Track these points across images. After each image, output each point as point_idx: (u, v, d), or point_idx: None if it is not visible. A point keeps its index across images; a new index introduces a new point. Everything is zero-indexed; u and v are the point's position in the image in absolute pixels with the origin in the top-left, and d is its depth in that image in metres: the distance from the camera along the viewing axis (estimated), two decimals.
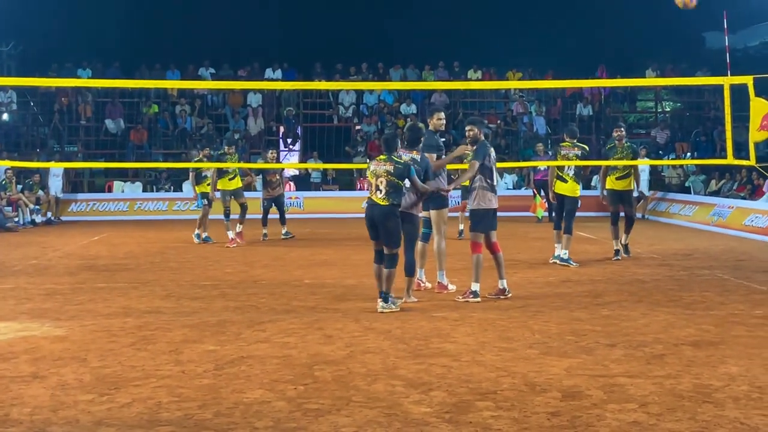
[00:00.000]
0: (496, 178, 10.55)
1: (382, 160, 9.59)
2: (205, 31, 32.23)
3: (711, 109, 30.22)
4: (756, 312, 9.49)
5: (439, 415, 5.79)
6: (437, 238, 10.88)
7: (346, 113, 29.81)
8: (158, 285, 11.62)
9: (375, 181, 9.55)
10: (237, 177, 17.23)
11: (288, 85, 27.40)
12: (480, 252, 10.34)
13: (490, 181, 10.36)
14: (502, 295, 10.43)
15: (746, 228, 18.49)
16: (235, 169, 17.14)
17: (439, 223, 10.83)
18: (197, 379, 6.73)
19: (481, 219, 10.38)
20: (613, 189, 14.43)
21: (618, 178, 14.38)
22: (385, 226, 9.50)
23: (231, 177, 17.04)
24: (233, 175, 17.10)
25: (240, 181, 17.31)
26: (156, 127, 28.54)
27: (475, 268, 10.27)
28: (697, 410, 5.86)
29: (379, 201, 9.51)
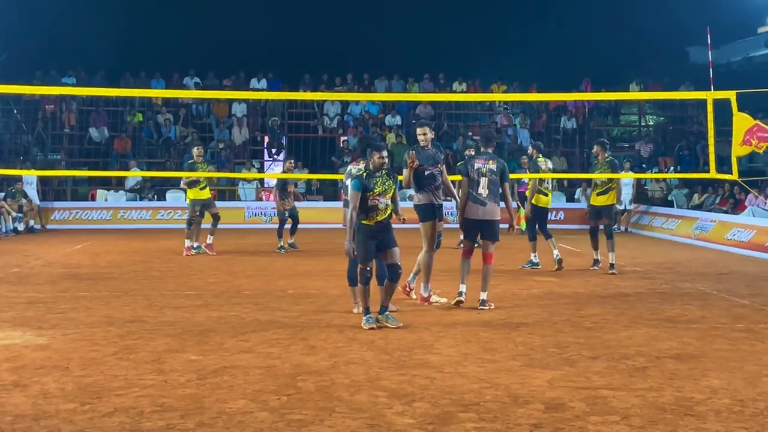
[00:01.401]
0: (484, 188, 10.65)
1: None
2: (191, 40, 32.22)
3: (694, 124, 30.41)
4: (738, 326, 9.54)
5: (422, 426, 5.80)
6: (423, 250, 10.80)
7: (331, 124, 29.83)
8: (141, 294, 11.57)
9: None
10: (208, 187, 17.07)
11: (273, 96, 27.43)
12: (464, 257, 10.84)
13: (474, 191, 10.64)
14: (482, 306, 10.53)
15: (728, 242, 18.59)
16: (206, 178, 16.90)
17: (425, 235, 10.74)
18: (180, 388, 6.70)
19: (465, 227, 10.93)
20: (594, 204, 14.68)
21: (599, 194, 14.57)
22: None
23: (202, 186, 16.79)
24: (204, 185, 16.87)
25: (209, 192, 17.17)
26: (140, 135, 28.48)
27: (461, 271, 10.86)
28: (679, 423, 5.88)
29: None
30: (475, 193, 10.67)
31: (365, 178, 9.31)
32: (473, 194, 10.68)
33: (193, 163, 16.69)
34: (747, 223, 18.85)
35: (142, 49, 31.65)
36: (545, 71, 29.90)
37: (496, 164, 10.78)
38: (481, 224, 10.72)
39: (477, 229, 10.79)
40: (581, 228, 23.61)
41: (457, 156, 24.79)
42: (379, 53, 32.48)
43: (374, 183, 9.30)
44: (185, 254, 16.52)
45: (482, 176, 10.68)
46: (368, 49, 32.79)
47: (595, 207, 14.63)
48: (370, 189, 9.27)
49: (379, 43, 32.88)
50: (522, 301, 11.09)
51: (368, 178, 9.31)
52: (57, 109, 28.33)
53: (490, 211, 10.70)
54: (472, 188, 10.68)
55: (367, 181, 9.28)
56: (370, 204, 9.27)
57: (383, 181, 9.34)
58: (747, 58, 36.75)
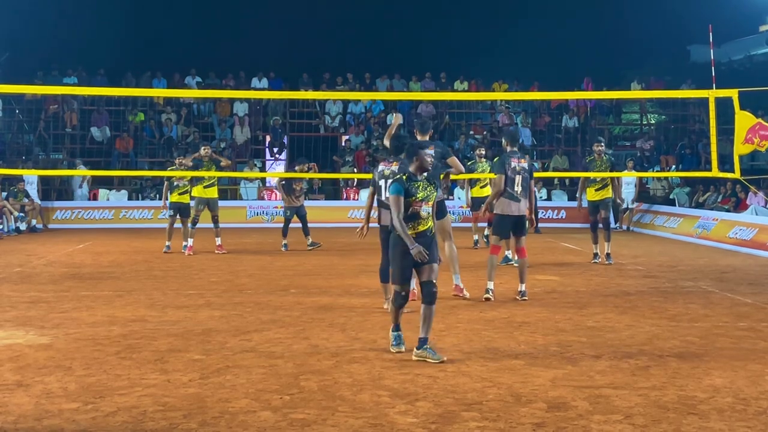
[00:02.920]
0: (518, 185, 11.08)
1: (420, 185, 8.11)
2: (192, 40, 32.26)
3: (696, 122, 30.40)
4: (740, 324, 9.53)
5: (425, 425, 5.79)
6: (447, 244, 11.10)
7: (333, 123, 29.83)
8: (143, 294, 11.58)
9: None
10: (215, 186, 16.97)
11: (275, 95, 27.44)
12: (494, 253, 11.20)
13: (511, 189, 11.07)
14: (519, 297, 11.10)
15: (730, 240, 18.58)
16: (211, 176, 16.82)
17: (444, 230, 10.98)
18: (182, 388, 6.70)
19: (497, 224, 11.30)
20: (593, 200, 15.25)
21: (597, 190, 15.18)
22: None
23: (206, 185, 16.75)
24: (209, 183, 16.78)
25: (216, 191, 17.11)
26: (142, 135, 28.50)
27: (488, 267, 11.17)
28: (682, 422, 5.88)
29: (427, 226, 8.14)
30: (511, 191, 11.10)
31: (406, 181, 8.00)
32: (510, 192, 11.09)
33: (199, 161, 16.69)
34: (749, 221, 18.83)
35: (143, 49, 31.70)
36: (547, 70, 29.93)
37: (527, 162, 11.27)
38: (516, 220, 11.15)
39: (510, 225, 11.19)
40: (583, 227, 23.64)
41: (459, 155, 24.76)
42: (381, 52, 32.51)
43: (416, 187, 7.98)
44: (187, 253, 16.52)
45: (517, 174, 11.10)
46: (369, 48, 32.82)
47: (593, 202, 15.22)
48: (412, 194, 7.96)
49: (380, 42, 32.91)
50: (524, 300, 11.08)
51: (409, 181, 8.00)
52: (60, 109, 28.34)
53: (523, 208, 11.18)
54: (508, 186, 11.07)
55: (408, 185, 7.98)
56: (411, 212, 7.96)
57: (425, 186, 8.05)
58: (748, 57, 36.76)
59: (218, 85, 29.74)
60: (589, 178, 15.20)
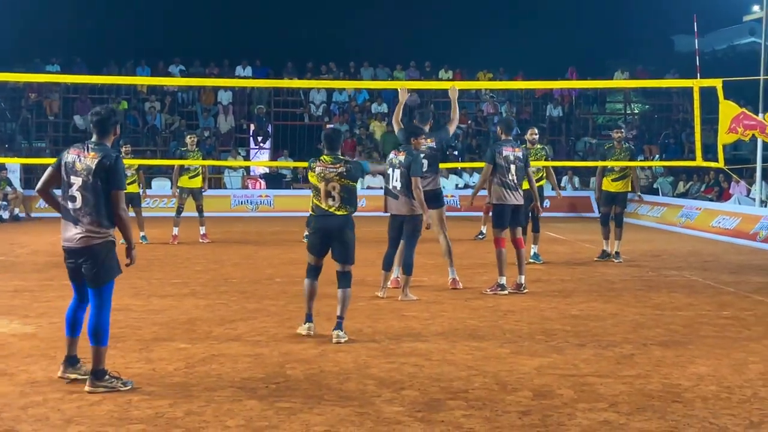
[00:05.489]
0: (513, 175, 10.91)
1: (327, 161, 8.19)
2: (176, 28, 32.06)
3: (680, 112, 30.47)
4: (724, 313, 9.59)
5: (411, 413, 5.81)
6: (442, 236, 11.09)
7: (317, 112, 29.77)
8: (127, 283, 11.49)
9: (325, 186, 8.14)
10: (199, 176, 16.75)
11: (259, 83, 27.27)
12: (501, 246, 10.89)
13: (504, 178, 10.87)
14: (518, 289, 10.89)
15: (714, 229, 18.67)
16: (197, 166, 16.64)
17: (438, 221, 11.00)
18: (168, 377, 6.70)
19: (496, 215, 11.05)
20: (608, 190, 14.24)
21: (614, 180, 14.15)
22: (342, 239, 8.22)
23: (192, 175, 16.56)
24: (194, 173, 16.60)
25: (201, 181, 16.89)
26: (125, 123, 28.34)
27: (498, 261, 10.90)
28: (667, 410, 5.91)
29: (334, 210, 8.17)
30: (507, 180, 10.92)
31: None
32: (505, 181, 10.92)
33: (185, 151, 16.57)
34: (732, 210, 18.92)
35: (127, 37, 31.51)
36: (531, 60, 29.90)
37: (521, 151, 11.13)
38: (513, 210, 10.99)
39: (509, 215, 11.01)
40: (567, 216, 23.74)
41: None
42: (365, 41, 32.41)
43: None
44: (172, 242, 16.46)
45: (511, 164, 10.93)
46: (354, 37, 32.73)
47: (610, 193, 14.19)
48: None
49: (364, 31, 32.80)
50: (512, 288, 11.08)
51: None
52: (42, 97, 28.17)
53: (520, 197, 11.04)
54: (502, 175, 10.91)
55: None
56: None
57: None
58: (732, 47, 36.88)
59: (202, 73, 29.58)
60: (606, 167, 14.17)
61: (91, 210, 6.30)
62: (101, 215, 6.31)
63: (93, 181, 6.28)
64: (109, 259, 6.40)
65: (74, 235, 6.36)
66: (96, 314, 6.37)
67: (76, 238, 6.35)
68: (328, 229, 8.20)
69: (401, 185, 10.08)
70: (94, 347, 6.35)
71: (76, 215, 6.35)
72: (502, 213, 11.01)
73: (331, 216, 8.15)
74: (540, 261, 13.88)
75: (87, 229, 6.32)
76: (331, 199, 8.12)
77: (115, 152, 6.43)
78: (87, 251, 6.34)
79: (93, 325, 6.34)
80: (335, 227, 8.17)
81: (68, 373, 6.57)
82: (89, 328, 6.37)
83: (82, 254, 6.37)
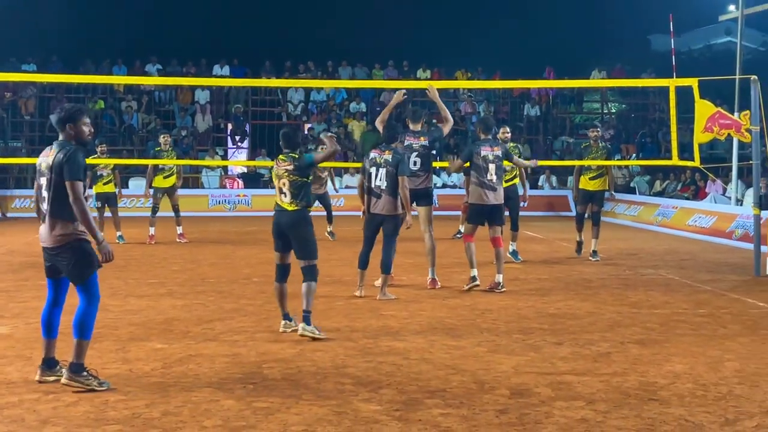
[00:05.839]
0: (492, 174, 10.92)
1: (281, 159, 8.48)
2: (153, 27, 31.91)
3: (656, 111, 30.65)
4: (700, 311, 9.65)
5: (389, 413, 5.81)
6: (427, 235, 11.09)
7: (295, 111, 29.72)
8: (104, 283, 11.37)
9: (278, 183, 8.44)
10: (174, 175, 16.63)
11: (236, 82, 27.24)
12: (469, 240, 11.02)
13: (482, 178, 10.89)
14: (496, 288, 10.90)
15: (690, 228, 18.77)
16: (171, 166, 16.56)
17: (426, 220, 11.04)
18: (144, 377, 6.67)
19: (471, 214, 11.17)
20: (586, 189, 14.47)
21: (591, 178, 14.38)
22: (296, 234, 8.33)
23: (166, 175, 16.49)
24: (169, 173, 16.53)
25: (176, 180, 16.72)
26: (102, 123, 28.18)
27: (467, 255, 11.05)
28: (643, 408, 5.94)
29: (287, 206, 8.40)
30: (485, 180, 10.92)
31: None
32: (483, 181, 10.92)
33: (159, 151, 16.51)
34: (708, 209, 19.04)
35: (103, 36, 31.30)
36: (509, 59, 29.97)
37: (500, 150, 11.10)
38: (490, 209, 10.99)
39: (485, 214, 11.02)
40: (544, 215, 23.83)
41: None
42: (343, 40, 32.38)
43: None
44: (148, 242, 16.39)
45: (490, 163, 10.93)
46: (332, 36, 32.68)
47: (587, 191, 14.44)
48: None
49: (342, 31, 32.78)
50: (487, 288, 11.11)
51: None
52: (17, 96, 27.96)
53: (500, 197, 11.06)
54: (480, 175, 10.91)
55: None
56: None
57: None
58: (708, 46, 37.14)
59: (179, 72, 29.47)
60: (583, 166, 14.41)
61: (58, 208, 6.31)
62: (66, 212, 6.29)
63: (54, 178, 6.31)
64: (83, 254, 6.37)
65: (47, 234, 6.36)
66: (84, 307, 6.36)
67: (49, 237, 6.34)
68: (282, 225, 8.38)
69: (386, 184, 10.09)
70: (77, 340, 6.33)
71: (47, 214, 6.34)
72: (478, 212, 11.06)
73: (283, 212, 8.36)
74: (518, 260, 13.92)
75: (57, 227, 6.31)
76: (283, 195, 8.37)
77: (72, 146, 6.40)
78: (59, 249, 6.34)
79: (79, 317, 6.33)
80: (288, 223, 8.33)
81: (45, 376, 6.52)
82: (75, 320, 6.35)
83: (56, 253, 6.36)
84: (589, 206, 14.50)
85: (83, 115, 6.53)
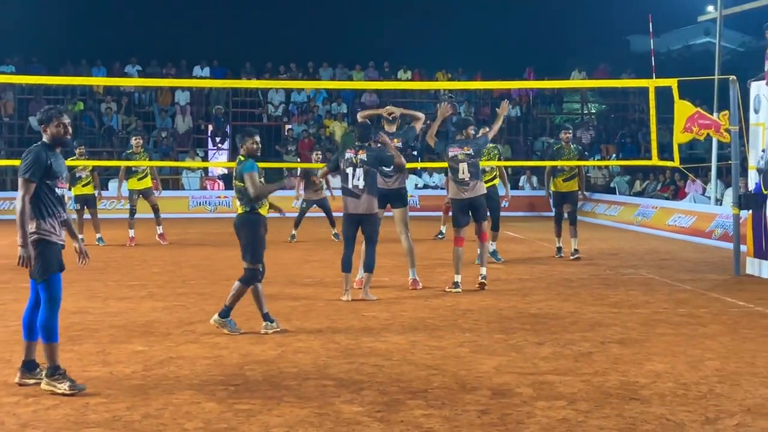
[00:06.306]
0: (464, 173, 11.00)
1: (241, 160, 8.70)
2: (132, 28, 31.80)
3: (636, 111, 30.77)
4: (680, 310, 9.69)
5: (371, 414, 5.80)
6: (404, 236, 11.09)
7: (276, 112, 29.66)
8: (83, 285, 11.40)
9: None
10: (148, 176, 16.67)
11: (217, 83, 27.16)
12: (457, 245, 11.04)
13: (456, 177, 11.05)
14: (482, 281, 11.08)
15: (670, 228, 18.86)
16: (145, 167, 16.59)
17: (402, 222, 11.05)
18: (125, 380, 6.63)
19: (453, 212, 11.27)
20: (559, 191, 14.71)
21: (565, 180, 14.60)
22: (240, 236, 8.53)
23: (140, 177, 16.51)
24: (143, 175, 16.55)
25: (150, 181, 16.79)
26: (81, 124, 28.02)
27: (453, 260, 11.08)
28: (624, 407, 5.96)
29: (238, 209, 8.65)
30: (458, 179, 11.05)
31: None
32: (457, 179, 11.07)
33: (131, 153, 16.50)
34: (687, 209, 19.13)
35: (82, 37, 31.17)
36: (489, 60, 30.04)
37: (471, 148, 11.13)
38: (470, 203, 11.04)
39: (466, 210, 11.09)
40: (525, 215, 23.89)
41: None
42: (324, 41, 32.39)
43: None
44: (128, 244, 16.32)
45: (459, 162, 11.04)
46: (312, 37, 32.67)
47: (561, 193, 14.72)
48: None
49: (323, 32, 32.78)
50: (468, 287, 11.11)
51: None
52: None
53: (476, 189, 11.07)
54: (455, 174, 11.09)
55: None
56: None
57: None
58: (687, 46, 37.31)
59: (159, 73, 29.37)
60: (557, 168, 14.59)
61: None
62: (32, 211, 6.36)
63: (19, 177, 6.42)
64: (42, 255, 6.40)
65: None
66: (43, 310, 6.38)
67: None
68: (234, 227, 8.66)
69: (365, 183, 10.10)
70: (45, 344, 6.32)
71: None
72: (458, 207, 11.13)
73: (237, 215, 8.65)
74: (499, 260, 13.94)
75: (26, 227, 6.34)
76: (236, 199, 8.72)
77: (37, 146, 6.52)
78: None
79: (42, 321, 6.36)
80: (236, 225, 8.60)
81: (26, 378, 6.48)
82: (38, 325, 6.37)
83: None
84: (565, 207, 14.73)
85: (55, 117, 6.55)
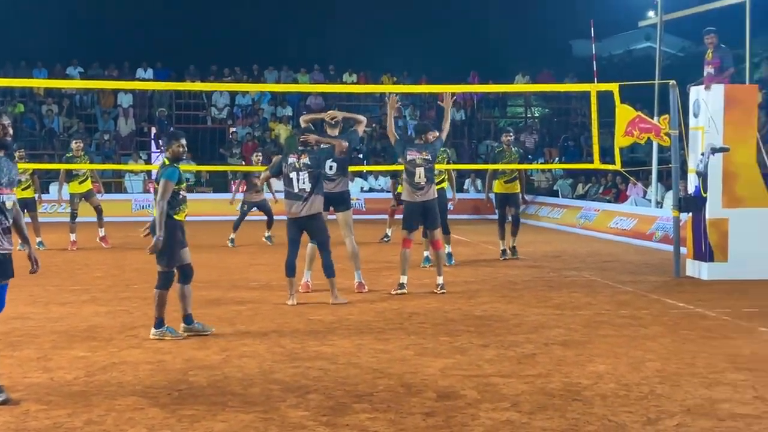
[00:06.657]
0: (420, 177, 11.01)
1: None
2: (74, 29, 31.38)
3: (578, 115, 31.10)
4: (622, 312, 9.81)
5: (316, 418, 5.80)
6: (348, 240, 11.08)
7: (220, 114, 29.49)
8: (23, 290, 11.19)
9: None
10: (88, 179, 16.58)
11: (160, 86, 26.90)
12: (405, 247, 11.08)
13: (411, 180, 11.05)
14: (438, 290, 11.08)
15: (612, 230, 19.09)
16: (85, 171, 16.49)
17: (346, 225, 11.06)
18: (67, 386, 6.55)
19: (404, 214, 11.26)
20: (501, 192, 15.02)
21: (506, 182, 14.93)
22: None
23: (81, 180, 16.39)
24: (84, 178, 16.44)
25: (91, 183, 16.67)
26: (22, 127, 27.58)
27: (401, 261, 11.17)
28: (567, 408, 6.02)
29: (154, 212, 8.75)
30: (413, 182, 11.05)
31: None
32: (412, 182, 11.06)
33: (71, 157, 16.34)
34: (629, 211, 19.38)
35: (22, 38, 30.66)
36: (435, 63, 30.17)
37: (430, 154, 11.13)
38: (423, 208, 11.09)
39: (418, 213, 11.12)
40: (471, 218, 24.00)
41: None
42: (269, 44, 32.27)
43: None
44: (70, 248, 16.11)
45: (417, 167, 11.02)
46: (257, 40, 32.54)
47: (503, 195, 15.01)
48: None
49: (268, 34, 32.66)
50: (414, 290, 11.14)
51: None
52: None
53: (430, 193, 11.11)
54: (410, 177, 11.05)
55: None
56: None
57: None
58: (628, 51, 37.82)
59: (101, 75, 29.02)
60: (498, 170, 14.92)
61: None
62: None
63: None
64: None
65: None
66: None
67: None
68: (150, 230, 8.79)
69: (311, 186, 10.05)
70: None
71: None
72: (410, 210, 11.15)
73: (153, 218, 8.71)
74: (451, 263, 13.96)
75: None
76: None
77: None
78: None
79: None
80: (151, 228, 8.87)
81: None
82: None
83: None
84: (508, 209, 14.99)
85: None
